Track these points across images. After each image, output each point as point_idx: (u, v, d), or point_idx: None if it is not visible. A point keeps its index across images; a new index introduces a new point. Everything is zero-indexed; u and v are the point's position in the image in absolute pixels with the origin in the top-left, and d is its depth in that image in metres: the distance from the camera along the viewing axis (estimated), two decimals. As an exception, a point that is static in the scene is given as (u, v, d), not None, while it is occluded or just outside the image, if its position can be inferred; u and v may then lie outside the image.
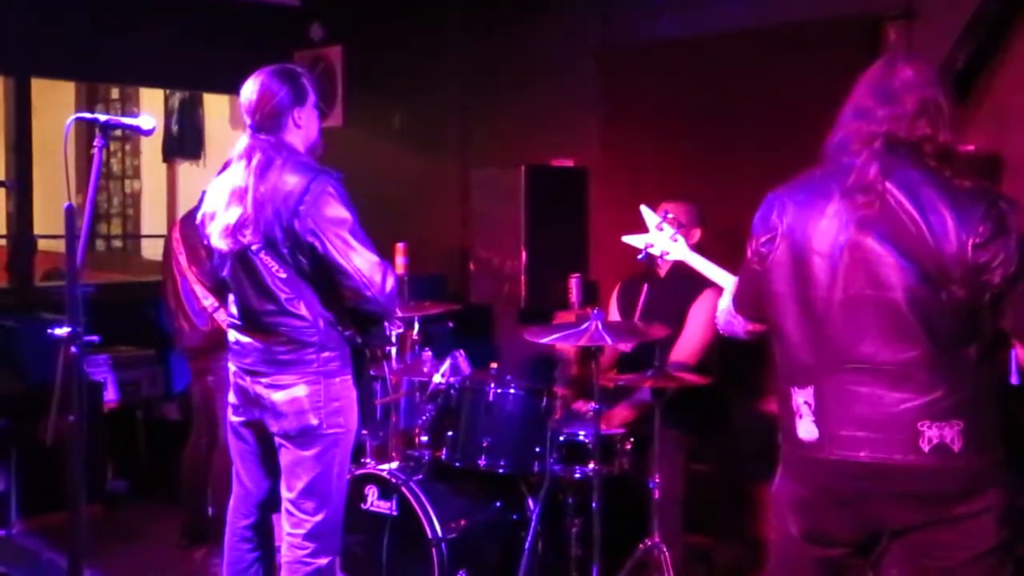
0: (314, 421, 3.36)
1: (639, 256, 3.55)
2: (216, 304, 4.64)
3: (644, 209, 3.61)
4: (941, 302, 2.33)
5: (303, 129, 3.43)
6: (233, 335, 3.52)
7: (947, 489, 2.36)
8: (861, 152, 2.46)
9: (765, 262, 2.57)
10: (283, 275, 3.31)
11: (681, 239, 3.50)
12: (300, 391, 3.36)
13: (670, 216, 3.55)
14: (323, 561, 3.42)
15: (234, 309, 3.50)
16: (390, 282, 3.35)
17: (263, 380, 3.41)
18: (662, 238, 3.52)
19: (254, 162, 3.32)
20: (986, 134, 4.10)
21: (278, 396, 3.38)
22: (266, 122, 3.36)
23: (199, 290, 4.71)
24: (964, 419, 2.33)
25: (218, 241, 3.37)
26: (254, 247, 3.31)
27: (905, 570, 2.46)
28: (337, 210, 3.27)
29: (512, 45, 6.14)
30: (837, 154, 2.53)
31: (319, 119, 3.53)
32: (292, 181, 3.27)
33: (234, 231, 3.32)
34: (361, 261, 3.28)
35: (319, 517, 3.41)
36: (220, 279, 3.54)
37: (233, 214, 3.32)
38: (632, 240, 3.61)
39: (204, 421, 4.90)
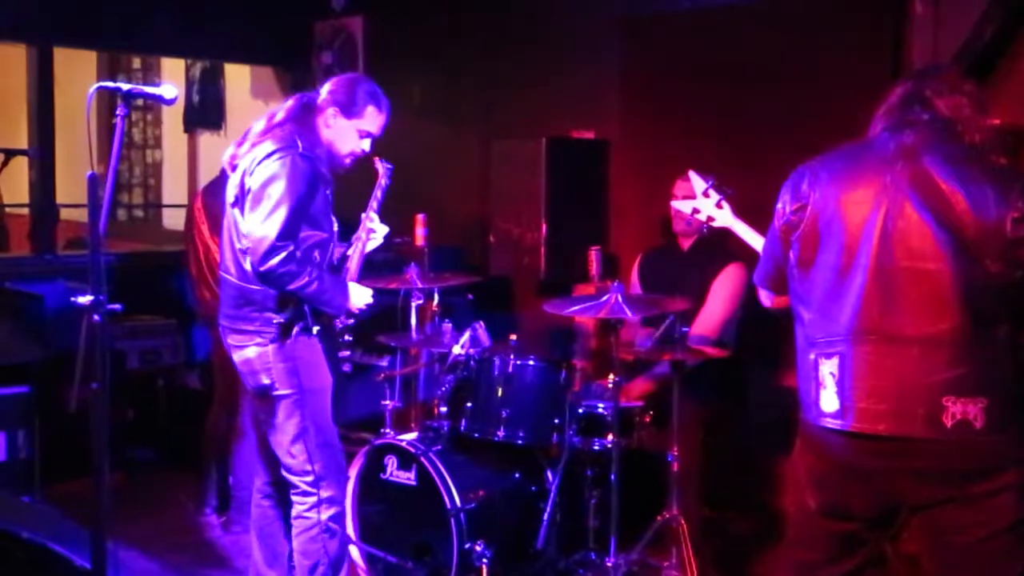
0: (265, 381, 3.40)
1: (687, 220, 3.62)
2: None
3: (692, 174, 3.64)
4: (976, 276, 2.32)
5: (332, 131, 3.49)
6: None
7: (967, 466, 2.35)
8: (902, 127, 2.46)
9: (794, 231, 2.56)
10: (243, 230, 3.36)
11: (727, 206, 3.51)
12: (250, 352, 3.41)
13: (716, 183, 3.58)
14: (325, 514, 3.48)
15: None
16: (273, 262, 3.22)
17: (229, 340, 3.49)
18: (708, 204, 3.54)
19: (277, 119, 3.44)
20: (1012, 108, 4.06)
21: (236, 356, 3.46)
22: (309, 106, 3.48)
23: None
24: (989, 396, 2.32)
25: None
26: (231, 201, 3.40)
27: (924, 546, 2.46)
28: (279, 174, 3.27)
29: (533, 15, 6.09)
30: (878, 129, 2.53)
31: (360, 144, 3.57)
32: (264, 149, 3.33)
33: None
34: (258, 225, 3.24)
35: (309, 475, 3.46)
36: None
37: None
38: (680, 205, 3.69)
39: (225, 390, 4.93)
